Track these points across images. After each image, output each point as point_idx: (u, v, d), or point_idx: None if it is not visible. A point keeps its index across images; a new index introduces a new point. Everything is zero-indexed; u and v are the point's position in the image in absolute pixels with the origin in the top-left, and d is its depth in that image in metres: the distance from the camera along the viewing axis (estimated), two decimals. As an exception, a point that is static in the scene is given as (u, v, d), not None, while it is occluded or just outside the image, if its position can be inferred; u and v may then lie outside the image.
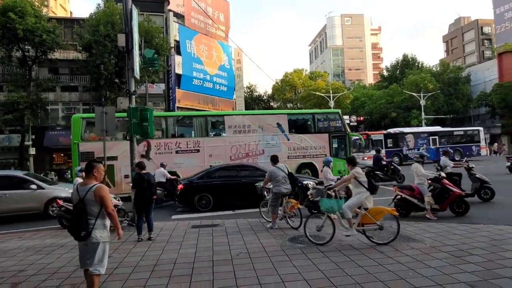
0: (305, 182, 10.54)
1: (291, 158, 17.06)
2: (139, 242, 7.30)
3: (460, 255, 5.43)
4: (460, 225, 7.42)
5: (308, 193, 9.73)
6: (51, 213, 11.01)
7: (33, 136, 28.07)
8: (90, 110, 29.60)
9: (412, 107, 47.45)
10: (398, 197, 9.02)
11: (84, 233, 3.99)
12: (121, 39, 9.58)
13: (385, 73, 64.34)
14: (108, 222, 4.20)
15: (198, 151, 16.03)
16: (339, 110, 19.77)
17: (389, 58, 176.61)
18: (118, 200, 9.33)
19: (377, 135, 30.44)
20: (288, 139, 17.21)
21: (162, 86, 33.37)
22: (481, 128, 33.02)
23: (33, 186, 11.23)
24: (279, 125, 17.27)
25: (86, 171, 4.26)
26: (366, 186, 6.58)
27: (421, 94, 44.64)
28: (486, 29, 75.48)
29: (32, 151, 27.78)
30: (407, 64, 58.42)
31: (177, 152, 15.84)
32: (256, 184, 9.20)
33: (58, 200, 9.33)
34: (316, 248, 6.19)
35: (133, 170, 9.04)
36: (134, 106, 9.61)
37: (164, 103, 33.80)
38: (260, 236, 7.35)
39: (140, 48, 10.92)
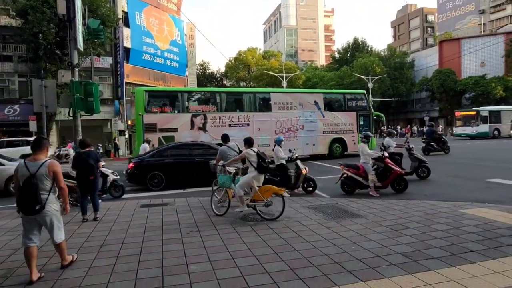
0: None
1: (326, 133, 19.19)
2: (84, 223, 7.00)
3: (398, 228, 5.85)
4: (399, 201, 7.97)
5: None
6: (12, 190, 10.60)
7: (-39, 110, 25.47)
8: (27, 83, 27.32)
9: (360, 89, 49.32)
10: (345, 175, 9.45)
11: (39, 207, 4.18)
12: (62, 6, 8.85)
13: (337, 55, 66.08)
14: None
15: (248, 125, 17.36)
16: (365, 91, 22.78)
17: (341, 41, 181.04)
18: (116, 175, 9.65)
19: None
20: (323, 116, 19.12)
21: (110, 60, 31.51)
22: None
23: None
24: (316, 103, 19.11)
25: (37, 147, 4.37)
26: (255, 166, 6.92)
27: (369, 77, 46.51)
28: (430, 17, 79.82)
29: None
30: (357, 47, 60.37)
31: (229, 125, 16.97)
32: (210, 161, 9.13)
33: None
34: (266, 225, 6.34)
35: (76, 147, 8.56)
36: (77, 80, 9.02)
37: (111, 78, 32.04)
38: (210, 214, 7.37)
39: (83, 18, 10.17)
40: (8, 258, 5.09)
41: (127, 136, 31.42)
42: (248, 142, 7.26)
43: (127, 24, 32.67)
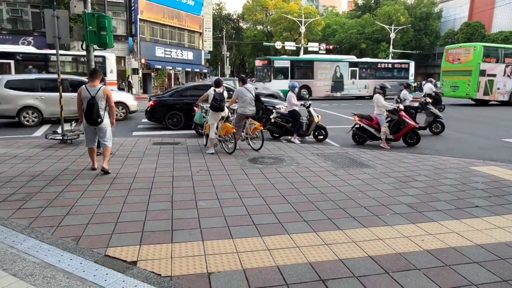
0: (277, 106, 10.52)
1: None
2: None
3: (406, 180, 5.88)
4: (410, 155, 7.94)
5: (271, 117, 9.84)
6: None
7: (-25, 39, 25.35)
8: (40, 14, 26.76)
9: (381, 39, 47.29)
10: (357, 125, 9.36)
11: (100, 120, 5.78)
12: None
13: (360, 1, 62.34)
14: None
15: None
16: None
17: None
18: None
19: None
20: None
21: (123, -7, 30.40)
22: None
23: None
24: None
25: (94, 75, 5.90)
26: (209, 104, 7.70)
27: (392, 27, 44.25)
28: (466, -37, 73.40)
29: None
30: (383, -7, 56.69)
31: None
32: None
33: None
34: (274, 169, 6.43)
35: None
36: (89, 11, 8.74)
37: (125, 13, 31.10)
38: (221, 155, 7.49)
39: None
40: (26, 183, 5.32)
41: (140, 74, 31.23)
42: (215, 83, 7.86)
43: (141, -45, 30.98)
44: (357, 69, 28.90)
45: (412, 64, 31.13)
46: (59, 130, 8.88)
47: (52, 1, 24.53)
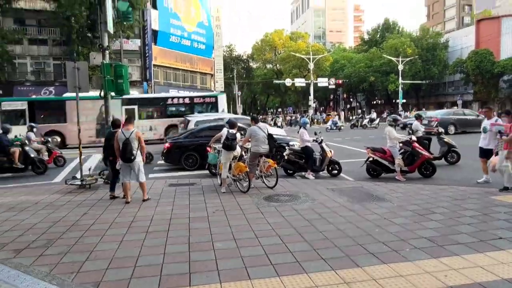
0: (291, 143, 10.64)
1: None
2: (115, 199, 7.34)
3: (424, 213, 5.77)
4: (426, 186, 7.82)
5: (284, 154, 9.92)
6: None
7: (0, 91, 26.74)
8: (61, 66, 28.29)
9: (390, 71, 47.87)
10: (370, 159, 9.33)
11: (133, 157, 6.86)
12: (92, -11, 9.02)
13: (366, 36, 63.98)
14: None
15: None
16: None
17: (371, 21, 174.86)
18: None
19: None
20: None
21: (138, 42, 32.04)
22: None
23: None
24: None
25: (129, 122, 7.17)
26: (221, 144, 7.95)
27: (400, 59, 44.91)
28: (468, -5, 75.33)
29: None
30: (388, 28, 58.16)
31: None
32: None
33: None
34: (290, 206, 6.42)
35: (108, 128, 8.87)
36: (107, 62, 9.26)
37: (140, 60, 32.63)
38: (236, 195, 7.53)
39: (113, 1, 10.34)
40: (47, 230, 5.44)
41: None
42: (229, 124, 8.11)
43: (154, 6, 32.93)
44: (135, 107, 21.56)
45: (221, 97, 23.53)
46: (78, 175, 9.13)
47: (72, 54, 25.96)
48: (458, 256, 4.08)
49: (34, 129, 12.85)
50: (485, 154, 8.00)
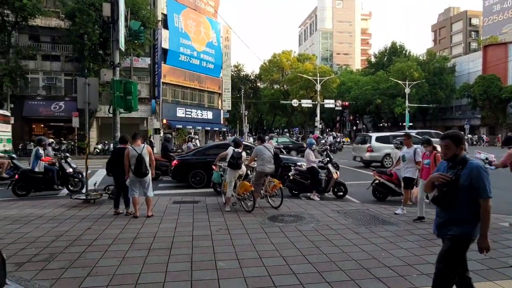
0: (299, 163, 10.61)
1: None
2: (119, 215, 7.32)
3: (431, 238, 5.66)
4: (433, 210, 7.67)
5: (290, 174, 9.88)
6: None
7: (12, 105, 27.21)
8: (72, 81, 28.82)
9: (397, 94, 48.01)
10: (377, 181, 9.25)
11: (148, 172, 7.03)
12: (106, 9, 9.31)
13: (373, 59, 64.59)
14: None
15: None
16: None
17: (378, 45, 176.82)
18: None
19: None
20: None
21: (148, 60, 32.60)
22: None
23: None
24: None
25: (135, 137, 7.17)
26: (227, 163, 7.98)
27: (407, 82, 45.11)
28: (474, 21, 76.23)
29: (11, 120, 26.97)
30: (395, 52, 58.71)
31: None
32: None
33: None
34: (294, 227, 6.35)
35: (115, 142, 8.95)
36: (118, 78, 9.43)
37: (149, 77, 33.12)
38: (240, 214, 7.47)
39: (126, 20, 10.63)
40: (50, 244, 5.42)
41: (162, 134, 32.33)
42: (235, 143, 8.24)
43: (165, 26, 33.66)
44: None
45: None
46: (83, 190, 9.14)
47: (84, 70, 26.53)
48: (466, 283, 3.96)
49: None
50: (406, 183, 7.63)
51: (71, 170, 10.30)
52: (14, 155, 11.72)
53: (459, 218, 2.98)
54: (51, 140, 13.40)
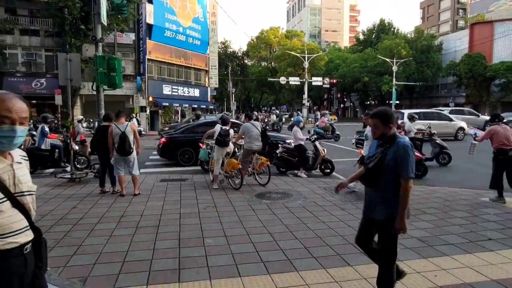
0: (288, 141, 10.62)
1: None
2: (105, 194, 7.25)
3: (415, 213, 5.79)
4: (418, 187, 7.85)
5: (277, 151, 9.90)
6: None
7: (-10, 82, 26.31)
8: (53, 57, 27.88)
9: (384, 72, 48.07)
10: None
11: (130, 151, 6.90)
12: (86, -20, 8.88)
13: (361, 36, 64.14)
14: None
15: None
16: None
17: (367, 22, 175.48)
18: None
19: None
20: None
21: (132, 36, 31.67)
22: None
23: None
24: None
25: (119, 115, 7.04)
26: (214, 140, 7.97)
27: (394, 60, 45.14)
28: (462, -2, 75.97)
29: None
30: (383, 29, 58.36)
31: None
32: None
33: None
34: (281, 204, 6.40)
35: (99, 120, 8.77)
36: (101, 54, 9.14)
37: (134, 54, 32.28)
38: (228, 191, 7.49)
39: (107, -8, 10.20)
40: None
41: (148, 112, 31.88)
42: (222, 121, 8.08)
43: (150, 0, 32.59)
44: None
45: None
46: (68, 169, 9.00)
47: (65, 45, 25.64)
48: (447, 256, 4.10)
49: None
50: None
51: (77, 147, 10.17)
52: (34, 132, 11.38)
53: (386, 198, 2.90)
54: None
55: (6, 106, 1.62)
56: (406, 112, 18.75)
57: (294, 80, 46.43)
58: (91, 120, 26.96)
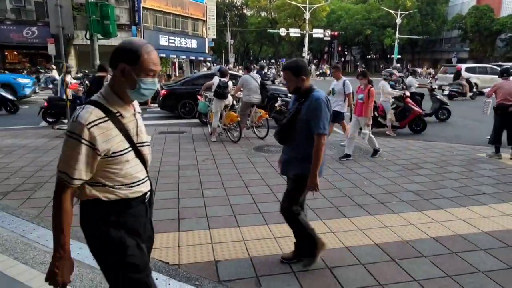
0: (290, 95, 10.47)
1: None
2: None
3: (412, 168, 5.86)
4: (416, 142, 7.89)
5: (276, 105, 9.79)
6: None
7: (-21, 30, 25.31)
8: (43, 4, 26.62)
9: (387, 25, 46.51)
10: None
11: None
12: None
13: (366, -14, 61.17)
14: None
15: None
16: None
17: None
18: None
19: None
20: None
21: (126, -19, 30.11)
22: None
23: None
24: None
25: (101, 69, 7.29)
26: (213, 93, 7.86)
27: (398, 12, 43.48)
28: None
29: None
30: (389, -23, 55.50)
31: None
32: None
33: None
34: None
35: (94, 72, 8.56)
36: (93, 0, 8.71)
37: (128, 2, 30.87)
38: (226, 144, 7.50)
39: None
40: (35, 173, 5.38)
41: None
42: (220, 73, 7.98)
43: None
44: None
45: None
46: (66, 120, 8.93)
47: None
48: (442, 209, 4.18)
49: None
50: (334, 117, 6.81)
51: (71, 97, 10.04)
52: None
53: (301, 155, 2.78)
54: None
55: (153, 60, 1.60)
56: (464, 66, 18.74)
57: (294, 32, 44.96)
58: (87, 72, 26.34)
